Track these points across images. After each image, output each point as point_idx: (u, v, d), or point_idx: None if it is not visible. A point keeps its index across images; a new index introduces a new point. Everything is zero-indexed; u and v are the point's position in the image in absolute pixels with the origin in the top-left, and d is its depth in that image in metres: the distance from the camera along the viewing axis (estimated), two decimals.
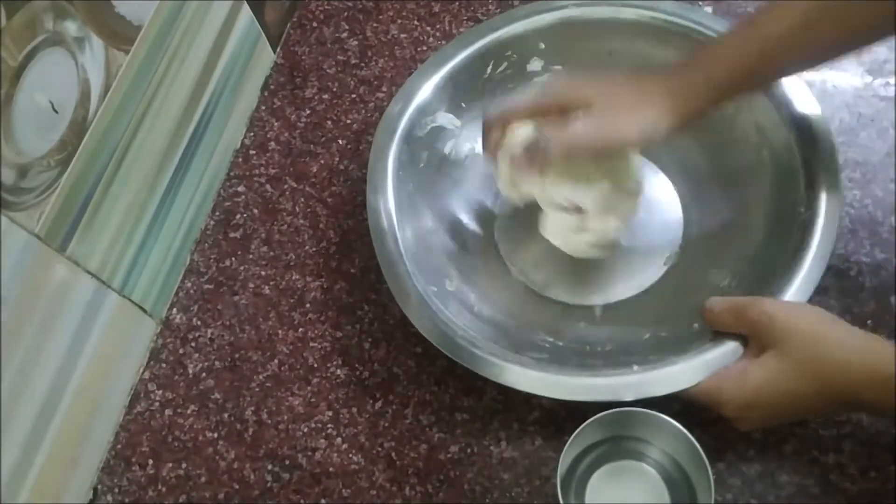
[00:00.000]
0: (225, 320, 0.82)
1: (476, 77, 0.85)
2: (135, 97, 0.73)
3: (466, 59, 0.84)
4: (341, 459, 0.74)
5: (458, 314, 0.73)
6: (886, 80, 0.87)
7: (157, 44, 0.75)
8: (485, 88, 0.86)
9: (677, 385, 0.66)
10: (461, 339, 0.70)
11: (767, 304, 0.66)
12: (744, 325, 0.66)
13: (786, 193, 0.74)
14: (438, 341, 0.70)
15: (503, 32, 0.85)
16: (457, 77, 0.84)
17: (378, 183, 0.78)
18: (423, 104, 0.82)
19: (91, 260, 0.71)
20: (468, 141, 0.86)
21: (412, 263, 0.74)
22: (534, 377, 0.68)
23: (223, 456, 0.76)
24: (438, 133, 0.84)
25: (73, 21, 0.65)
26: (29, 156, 0.62)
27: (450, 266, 0.79)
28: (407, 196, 0.79)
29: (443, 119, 0.84)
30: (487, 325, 0.75)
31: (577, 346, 0.75)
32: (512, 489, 0.71)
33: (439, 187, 0.84)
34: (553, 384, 0.68)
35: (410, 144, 0.81)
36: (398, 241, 0.75)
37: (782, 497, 0.69)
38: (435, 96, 0.83)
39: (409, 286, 0.73)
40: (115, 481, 0.75)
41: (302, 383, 0.78)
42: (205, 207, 0.88)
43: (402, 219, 0.77)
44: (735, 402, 0.64)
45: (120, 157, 0.72)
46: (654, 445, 0.68)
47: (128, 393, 0.79)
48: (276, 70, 0.97)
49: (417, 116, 0.82)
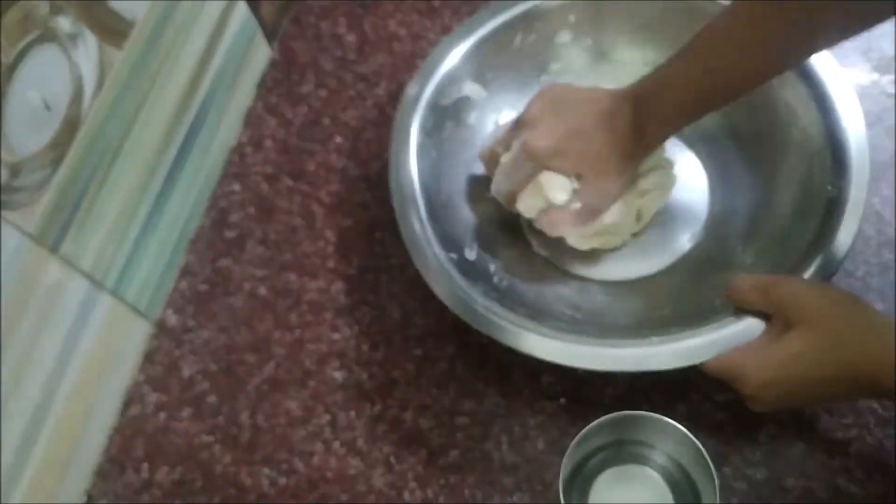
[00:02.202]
0: (220, 322, 0.81)
1: (504, 48, 0.85)
2: (129, 94, 0.72)
3: (495, 29, 0.84)
4: (339, 464, 0.73)
5: (476, 282, 0.72)
6: (893, 77, 0.86)
7: (152, 40, 0.74)
8: (512, 59, 0.86)
9: (698, 357, 0.66)
10: (480, 307, 0.70)
11: (794, 284, 0.66)
12: (770, 303, 0.66)
13: (813, 172, 0.74)
14: (458, 308, 0.70)
15: (533, 5, 0.84)
16: (484, 47, 0.84)
17: (402, 150, 0.78)
18: (450, 73, 0.82)
19: (84, 260, 0.70)
20: (493, 112, 0.86)
21: (433, 230, 0.74)
22: (551, 346, 0.68)
23: (219, 460, 0.75)
24: (464, 103, 0.84)
25: (66, 17, 0.64)
26: (21, 154, 0.62)
27: (469, 236, 0.79)
28: (431, 164, 0.79)
29: (469, 89, 0.84)
30: (506, 296, 0.74)
31: (596, 318, 0.75)
32: (514, 494, 0.71)
33: (462, 157, 0.83)
34: (573, 353, 0.68)
35: (435, 113, 0.81)
36: (420, 209, 0.75)
37: (788, 501, 0.68)
38: (462, 66, 0.83)
39: (430, 255, 0.73)
40: (109, 486, 0.75)
41: (299, 386, 0.77)
42: (199, 206, 0.87)
43: (425, 186, 0.77)
44: (755, 378, 0.64)
45: (113, 155, 0.72)
46: (658, 449, 0.67)
47: (121, 395, 0.78)
48: (273, 66, 0.96)
49: (444, 85, 0.82)
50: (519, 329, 0.69)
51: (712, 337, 0.67)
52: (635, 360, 0.67)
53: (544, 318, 0.71)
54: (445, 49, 0.83)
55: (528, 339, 0.68)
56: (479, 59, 0.84)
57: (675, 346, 0.67)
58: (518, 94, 0.85)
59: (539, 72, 0.87)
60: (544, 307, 0.75)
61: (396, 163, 0.78)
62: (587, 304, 0.77)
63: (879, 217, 0.79)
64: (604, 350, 0.68)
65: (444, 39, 0.84)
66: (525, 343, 0.68)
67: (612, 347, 0.68)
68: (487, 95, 0.85)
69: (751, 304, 0.67)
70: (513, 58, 0.86)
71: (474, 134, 0.85)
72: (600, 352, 0.68)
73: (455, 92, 0.83)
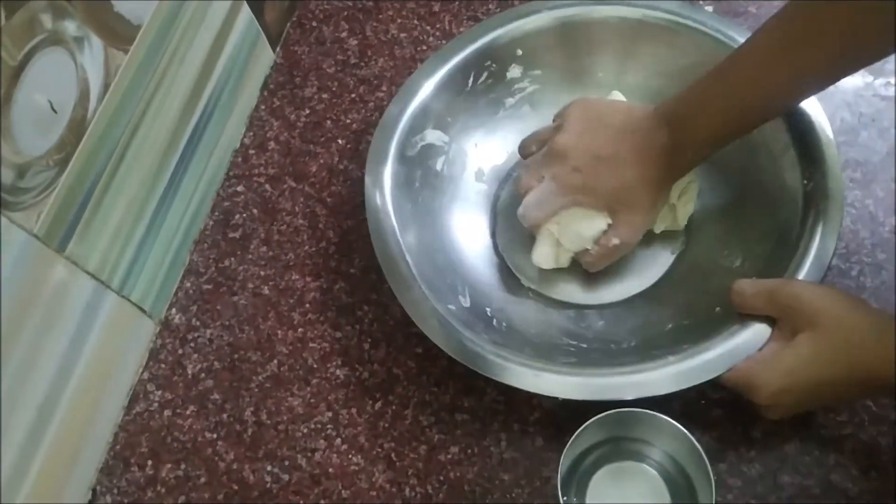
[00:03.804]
0: (224, 321, 0.82)
1: (459, 90, 0.85)
2: (134, 97, 0.73)
3: (448, 74, 0.83)
4: (341, 460, 0.74)
5: (480, 330, 0.72)
6: (887, 79, 0.87)
7: (157, 43, 0.75)
8: (468, 100, 0.85)
9: (717, 370, 0.66)
10: (490, 355, 0.69)
11: (798, 287, 0.66)
12: (775, 308, 0.66)
13: (783, 168, 0.75)
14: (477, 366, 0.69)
15: (480, 44, 0.84)
16: (440, 93, 0.83)
17: (379, 207, 0.77)
18: (410, 124, 0.81)
19: (90, 260, 0.71)
20: (459, 155, 0.86)
21: (426, 285, 0.73)
22: (568, 382, 0.67)
23: (222, 457, 0.75)
24: (429, 150, 0.84)
25: (72, 20, 0.65)
26: (28, 155, 0.62)
27: (459, 283, 0.78)
28: (410, 217, 0.78)
29: (431, 136, 0.84)
30: (510, 337, 0.74)
31: (602, 345, 0.74)
32: (512, 490, 0.71)
33: (437, 204, 0.83)
34: (588, 386, 0.67)
35: (403, 165, 0.80)
36: (410, 266, 0.74)
37: (783, 498, 0.69)
38: (421, 115, 0.82)
39: (428, 309, 0.71)
40: (113, 482, 0.75)
41: (301, 384, 0.78)
42: (204, 207, 0.88)
43: (408, 241, 0.76)
44: (769, 387, 0.64)
45: (119, 156, 0.72)
46: (655, 446, 0.68)
47: (127, 393, 0.79)
48: (276, 69, 0.97)
49: (406, 137, 0.81)
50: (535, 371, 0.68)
51: (727, 347, 0.67)
52: (656, 384, 0.66)
53: (552, 354, 0.71)
54: (401, 102, 0.82)
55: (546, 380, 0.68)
56: (437, 106, 0.83)
57: (691, 362, 0.66)
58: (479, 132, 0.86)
59: (496, 109, 0.87)
60: (547, 343, 0.75)
61: (375, 218, 0.76)
62: (588, 332, 0.77)
63: (873, 218, 0.79)
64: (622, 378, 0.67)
65: (398, 91, 0.83)
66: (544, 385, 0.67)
67: (631, 375, 0.67)
68: (450, 139, 0.85)
69: (756, 309, 0.67)
70: (469, 99, 0.85)
71: (445, 179, 0.84)
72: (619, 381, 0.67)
73: (419, 141, 0.82)
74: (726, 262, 0.76)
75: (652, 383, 0.66)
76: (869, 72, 0.87)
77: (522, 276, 0.81)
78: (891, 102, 0.85)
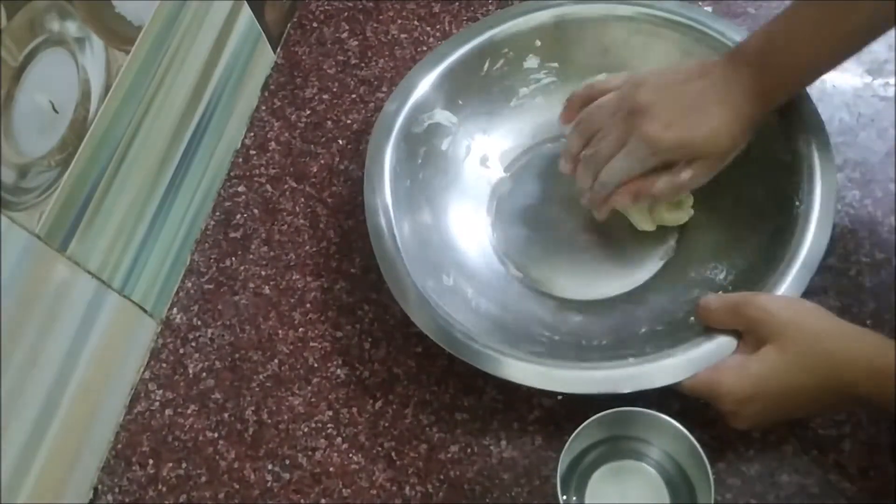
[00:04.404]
0: (225, 320, 0.82)
1: (473, 74, 0.85)
2: (135, 97, 0.73)
3: (463, 57, 0.84)
4: (341, 459, 0.74)
5: (455, 310, 0.73)
6: (886, 80, 0.87)
7: (158, 44, 0.75)
8: (482, 85, 0.86)
9: (675, 377, 0.67)
10: (459, 334, 0.70)
11: (763, 300, 0.66)
12: (740, 321, 0.66)
13: (780, 186, 0.74)
14: (437, 337, 0.70)
15: (499, 31, 0.85)
16: (454, 74, 0.84)
17: (375, 180, 0.78)
18: (420, 101, 0.83)
19: (91, 260, 0.71)
20: (465, 137, 0.86)
21: (410, 260, 0.74)
22: (532, 371, 0.68)
23: (223, 456, 0.76)
24: (436, 129, 0.84)
25: (73, 21, 0.65)
26: (29, 156, 0.62)
27: (447, 262, 0.79)
28: (405, 192, 0.79)
29: (440, 116, 0.84)
30: (485, 320, 0.75)
31: (574, 339, 0.75)
32: (512, 489, 0.71)
33: (436, 183, 0.84)
34: (550, 377, 0.68)
35: (408, 141, 0.81)
36: (396, 239, 0.75)
37: (782, 497, 0.69)
38: (432, 93, 0.83)
39: (408, 284, 0.73)
40: (115, 481, 0.76)
41: (302, 383, 0.78)
42: (205, 207, 0.88)
43: (400, 215, 0.77)
44: (734, 394, 0.64)
45: (120, 157, 0.72)
46: (654, 445, 0.68)
47: (128, 393, 0.79)
48: (277, 70, 0.97)
49: (414, 113, 0.82)
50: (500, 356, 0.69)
51: (690, 355, 0.67)
52: (612, 382, 0.67)
53: (522, 342, 0.72)
54: (415, 77, 0.83)
55: (509, 366, 0.68)
56: (449, 87, 0.84)
57: (651, 366, 0.67)
58: (488, 118, 0.87)
59: (508, 97, 0.88)
60: (522, 331, 0.75)
61: (371, 197, 0.77)
62: (563, 325, 0.77)
63: (872, 217, 0.79)
64: (581, 373, 0.68)
65: (413, 67, 0.85)
66: (506, 370, 0.68)
67: (591, 370, 0.68)
68: (459, 121, 0.85)
69: (721, 323, 0.68)
70: (482, 83, 0.86)
71: (448, 159, 0.85)
72: (579, 374, 0.68)
73: (426, 119, 0.83)
74: (711, 274, 0.76)
75: (609, 381, 0.67)
76: (868, 72, 0.87)
77: (510, 262, 0.82)
78: (890, 103, 0.85)
